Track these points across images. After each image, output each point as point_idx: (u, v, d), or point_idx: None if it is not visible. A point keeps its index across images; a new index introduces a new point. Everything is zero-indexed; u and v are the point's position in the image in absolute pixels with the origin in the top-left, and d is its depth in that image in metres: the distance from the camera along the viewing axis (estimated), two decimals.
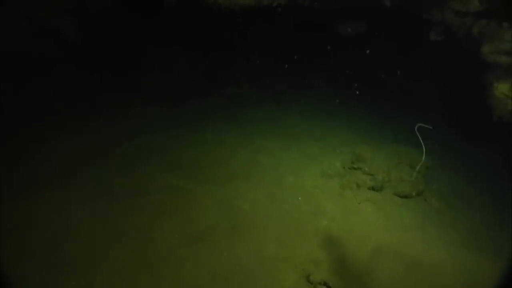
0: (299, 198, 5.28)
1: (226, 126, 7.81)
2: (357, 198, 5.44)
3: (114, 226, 4.32)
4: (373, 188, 5.82)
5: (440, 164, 7.68)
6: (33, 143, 6.07)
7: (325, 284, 3.92)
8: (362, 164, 6.12)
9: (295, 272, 4.05)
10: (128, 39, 10.55)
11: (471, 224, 5.80)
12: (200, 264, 4.02)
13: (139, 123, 7.43)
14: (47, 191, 4.85)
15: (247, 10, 10.07)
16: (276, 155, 6.48)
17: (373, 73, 9.70)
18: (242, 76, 11.12)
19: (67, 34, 9.99)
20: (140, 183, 5.27)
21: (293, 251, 4.39)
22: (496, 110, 6.56)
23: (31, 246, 3.98)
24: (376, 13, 8.94)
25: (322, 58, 11.04)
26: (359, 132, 8.30)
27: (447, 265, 4.62)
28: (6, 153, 5.69)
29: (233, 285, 3.78)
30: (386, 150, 7.15)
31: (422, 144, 5.87)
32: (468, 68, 7.46)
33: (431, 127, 5.83)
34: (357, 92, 8.67)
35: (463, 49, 7.55)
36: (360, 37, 9.84)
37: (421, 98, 9.08)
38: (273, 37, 11.59)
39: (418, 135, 5.90)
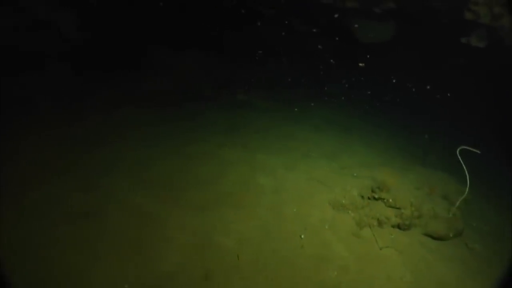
0: (302, 236, 4.04)
1: (224, 137, 6.66)
2: (378, 240, 4.16)
3: (45, 265, 3.18)
4: (399, 227, 4.53)
5: (480, 197, 6.32)
6: None
7: None
8: (385, 194, 4.83)
9: None
10: (129, 35, 9.67)
11: None
12: None
13: (123, 127, 6.36)
14: None
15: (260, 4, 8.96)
16: (278, 176, 5.27)
17: (400, 84, 8.41)
18: (251, 81, 10.07)
19: (62, 28, 9.20)
20: (99, 202, 4.14)
21: None
22: None
23: None
24: (407, 14, 7.68)
25: (343, 65, 9.87)
26: (381, 151, 7.02)
27: None
28: None
29: None
30: (414, 176, 5.85)
31: (466, 172, 4.56)
32: None
33: (478, 152, 4.51)
34: (379, 104, 7.39)
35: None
36: (387, 42, 8.61)
37: (457, 115, 7.73)
38: (289, 39, 10.49)
39: (461, 161, 4.59)
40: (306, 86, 10.18)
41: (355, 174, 5.52)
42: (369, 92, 8.88)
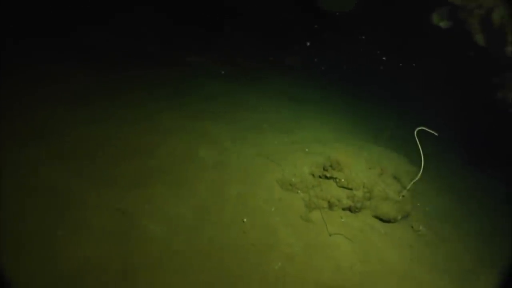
0: (244, 220, 3.56)
1: (167, 102, 5.88)
2: (328, 224, 3.82)
3: None
4: (349, 209, 4.23)
5: (428, 177, 6.31)
6: None
7: None
8: (337, 173, 4.48)
9: None
10: None
11: (469, 262, 4.45)
12: None
13: (53, 92, 5.22)
14: None
15: None
16: (223, 149, 4.69)
17: (362, 59, 8.07)
18: (208, 45, 9.15)
19: None
20: (4, 181, 3.28)
21: None
22: None
23: None
24: None
25: (306, 37, 9.25)
26: (335, 127, 6.68)
27: None
28: None
29: None
30: (367, 155, 5.58)
31: (422, 155, 4.32)
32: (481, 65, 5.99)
33: (436, 134, 4.27)
34: (338, 78, 6.99)
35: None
36: (351, 12, 8.10)
37: (415, 94, 7.61)
38: (253, 7, 9.57)
39: (418, 143, 4.33)
40: (264, 54, 9.49)
41: (307, 150, 5.11)
42: (329, 64, 8.46)
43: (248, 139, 5.03)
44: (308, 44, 8.77)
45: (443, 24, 6.40)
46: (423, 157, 4.30)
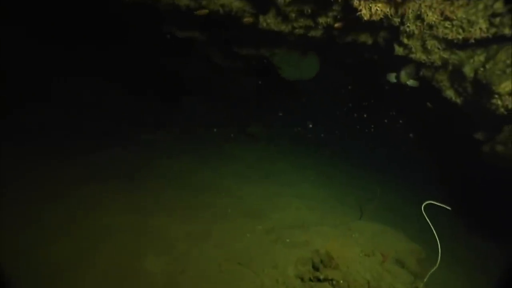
0: None
1: (111, 192, 4.74)
2: None
3: None
4: None
5: (434, 252, 5.37)
6: None
7: None
8: (332, 272, 3.39)
9: None
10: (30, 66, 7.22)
11: None
12: None
13: None
14: None
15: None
16: (178, 254, 3.51)
17: (334, 125, 7.58)
18: (165, 120, 8.44)
19: None
20: None
21: None
22: None
23: None
24: (332, 48, 6.92)
25: (271, 105, 8.81)
26: (315, 204, 5.73)
27: None
28: None
29: None
30: (359, 236, 4.61)
31: (436, 237, 3.40)
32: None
33: (449, 208, 3.42)
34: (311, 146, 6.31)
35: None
36: (312, 79, 7.80)
37: (395, 156, 7.03)
38: (209, 75, 9.19)
39: (427, 220, 3.45)
40: (226, 126, 8.84)
41: (288, 240, 4.04)
42: (295, 131, 7.89)
43: (212, 235, 3.90)
44: (272, 111, 8.26)
45: (411, 83, 6.03)
46: (438, 240, 3.37)
